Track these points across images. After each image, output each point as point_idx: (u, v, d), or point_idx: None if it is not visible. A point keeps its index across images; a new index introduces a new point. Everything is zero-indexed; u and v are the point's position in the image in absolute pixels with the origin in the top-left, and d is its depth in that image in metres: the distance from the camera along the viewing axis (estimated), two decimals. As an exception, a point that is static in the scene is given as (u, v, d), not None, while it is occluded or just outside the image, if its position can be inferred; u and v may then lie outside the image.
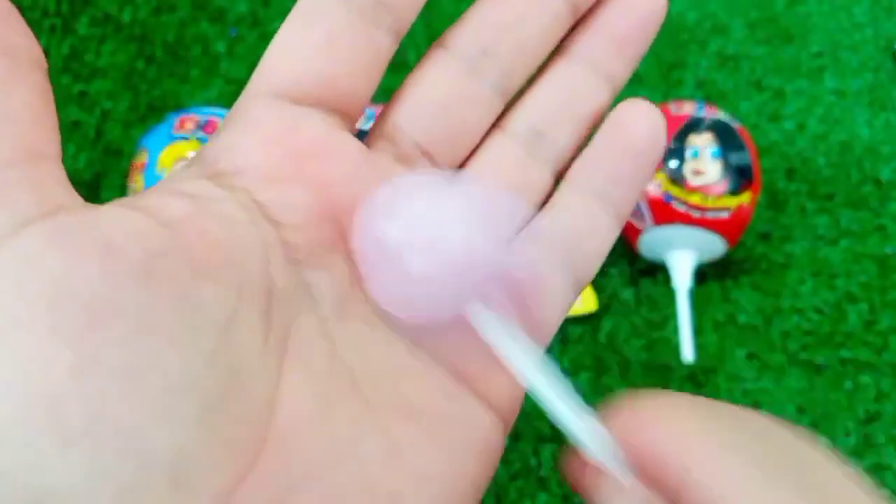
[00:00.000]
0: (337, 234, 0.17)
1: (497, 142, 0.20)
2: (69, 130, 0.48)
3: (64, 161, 0.16)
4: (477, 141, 0.20)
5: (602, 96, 0.20)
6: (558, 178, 0.20)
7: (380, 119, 0.19)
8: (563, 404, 0.16)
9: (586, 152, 0.20)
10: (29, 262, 0.13)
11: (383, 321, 0.17)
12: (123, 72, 0.50)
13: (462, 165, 0.20)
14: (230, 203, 0.16)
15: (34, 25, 0.51)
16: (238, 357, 0.15)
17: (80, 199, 0.15)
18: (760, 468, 0.15)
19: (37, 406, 0.13)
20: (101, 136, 0.48)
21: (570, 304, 0.20)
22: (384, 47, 0.18)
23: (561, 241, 0.20)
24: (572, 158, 0.20)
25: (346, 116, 0.18)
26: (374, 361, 0.17)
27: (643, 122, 0.20)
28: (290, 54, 0.18)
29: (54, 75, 0.50)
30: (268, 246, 0.16)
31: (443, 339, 0.18)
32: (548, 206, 0.20)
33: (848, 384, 0.44)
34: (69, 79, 0.50)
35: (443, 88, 0.19)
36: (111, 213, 0.15)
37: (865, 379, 0.44)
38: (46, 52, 0.51)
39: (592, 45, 0.20)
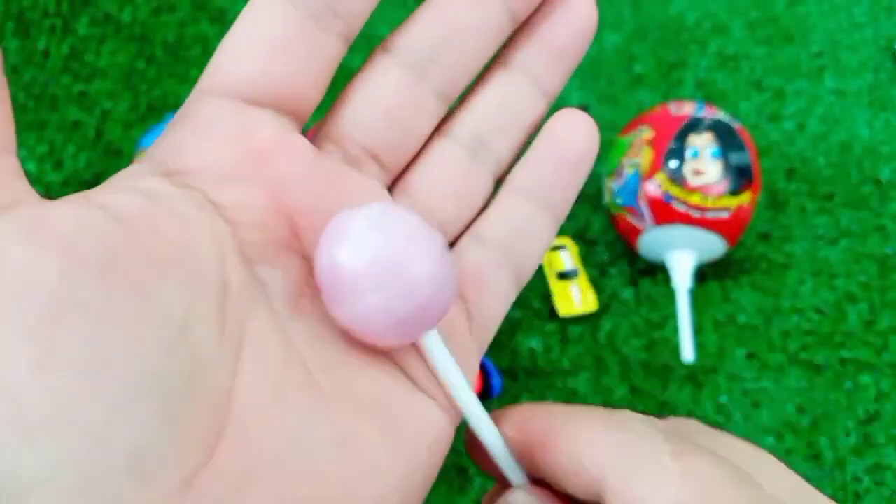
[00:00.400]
0: (290, 232, 0.18)
1: (441, 147, 0.21)
2: (69, 130, 0.48)
3: (64, 161, 0.16)
4: (421, 144, 0.20)
5: (539, 106, 0.21)
6: (498, 182, 0.22)
7: (326, 121, 0.20)
8: (483, 420, 0.19)
9: (525, 159, 0.21)
10: None
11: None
12: (123, 72, 0.50)
13: (406, 169, 0.20)
14: (184, 201, 0.16)
15: (34, 25, 0.51)
16: (196, 350, 0.15)
17: (35, 193, 0.15)
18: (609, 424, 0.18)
19: None
20: (101, 136, 0.48)
21: (512, 300, 0.21)
22: (334, 51, 0.19)
23: (503, 242, 0.21)
24: (511, 163, 0.21)
25: (296, 117, 0.19)
26: (328, 355, 0.17)
27: (577, 131, 0.21)
28: (241, 55, 0.18)
29: (54, 75, 0.50)
30: (222, 243, 0.16)
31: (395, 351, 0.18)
32: (489, 209, 0.21)
33: (848, 384, 0.44)
34: (69, 79, 0.50)
35: (389, 93, 0.20)
36: (66, 208, 0.15)
37: (865, 379, 0.44)
38: (46, 53, 0.51)
39: (530, 57, 0.21)
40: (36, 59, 0.51)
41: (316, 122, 0.20)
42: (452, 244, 0.21)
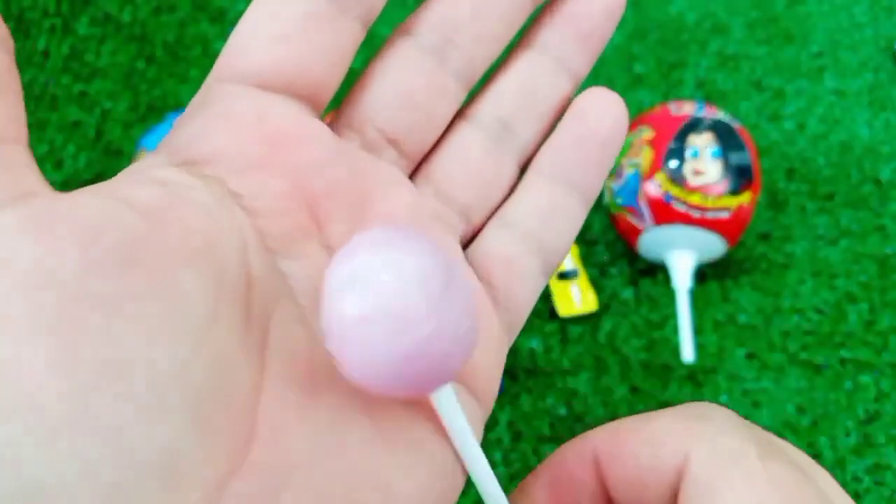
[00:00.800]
0: (311, 221, 0.17)
1: (463, 132, 0.20)
2: (69, 130, 0.48)
3: (64, 161, 0.16)
4: (442, 129, 0.20)
5: (565, 88, 0.21)
6: (523, 166, 0.21)
7: (345, 106, 0.19)
8: (491, 486, 0.17)
9: (551, 141, 0.20)
10: (3, 250, 0.13)
11: None
12: (123, 72, 0.50)
13: (428, 154, 0.20)
14: (203, 191, 0.16)
15: (34, 25, 0.51)
16: (222, 345, 0.14)
17: (48, 185, 0.15)
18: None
19: (15, 402, 0.12)
20: (101, 136, 0.48)
21: (541, 288, 0.20)
22: (352, 35, 0.18)
23: (530, 228, 0.20)
24: (536, 147, 0.21)
25: (314, 103, 0.18)
26: None
27: (605, 109, 0.20)
28: (257, 39, 0.17)
29: (54, 75, 0.50)
30: (243, 234, 0.16)
31: None
32: (515, 194, 0.20)
33: (848, 384, 0.44)
34: (69, 79, 0.50)
35: (408, 77, 0.19)
36: (84, 199, 0.14)
37: (865, 379, 0.44)
38: (46, 53, 0.51)
39: (556, 38, 0.20)
40: (36, 59, 0.51)
41: (333, 110, 0.20)
42: (478, 232, 0.20)
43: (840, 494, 0.17)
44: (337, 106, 0.20)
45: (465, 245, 0.20)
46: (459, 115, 0.20)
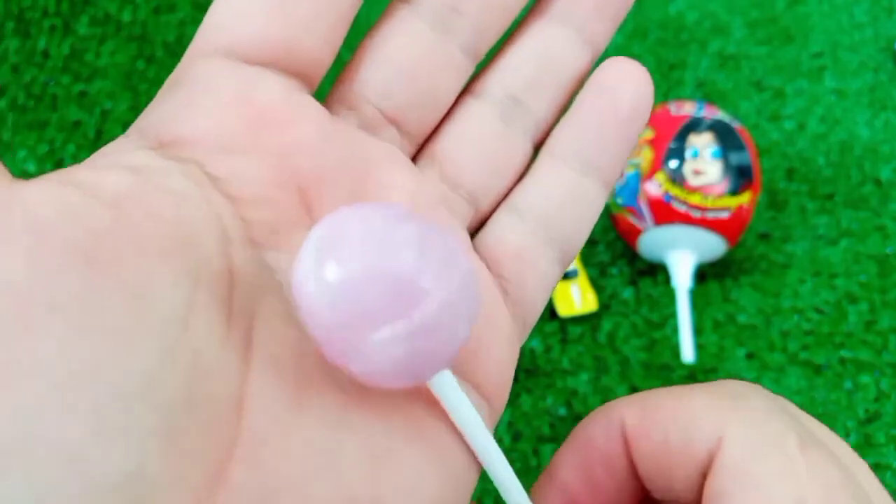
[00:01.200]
0: (300, 207, 0.15)
1: (471, 109, 0.18)
2: (69, 130, 0.48)
3: (64, 161, 0.15)
4: (448, 106, 0.18)
5: (583, 59, 0.18)
6: (537, 146, 0.19)
7: (340, 82, 0.17)
8: (505, 473, 0.16)
9: (568, 118, 0.19)
10: None
11: None
12: (123, 72, 0.50)
13: (433, 134, 0.18)
14: (179, 176, 0.14)
15: (34, 25, 0.51)
16: (198, 353, 0.13)
17: (6, 173, 0.13)
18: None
19: None
20: (101, 136, 0.48)
21: (557, 279, 0.19)
22: (347, 3, 0.16)
23: (544, 214, 0.18)
24: (552, 125, 0.19)
25: (306, 79, 0.16)
26: None
27: (629, 83, 0.18)
28: (239, 9, 0.16)
29: (54, 75, 0.50)
30: (224, 224, 0.14)
31: None
32: (528, 177, 0.19)
33: (848, 384, 0.44)
34: (69, 79, 0.50)
35: (409, 49, 0.17)
36: (40, 189, 0.12)
37: (865, 379, 0.44)
38: (46, 53, 0.51)
39: (571, 4, 0.18)
40: (36, 59, 0.51)
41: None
42: (487, 218, 0.18)
43: (879, 490, 0.16)
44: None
45: (474, 232, 0.19)
46: (467, 90, 0.19)
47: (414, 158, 0.18)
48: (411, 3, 0.17)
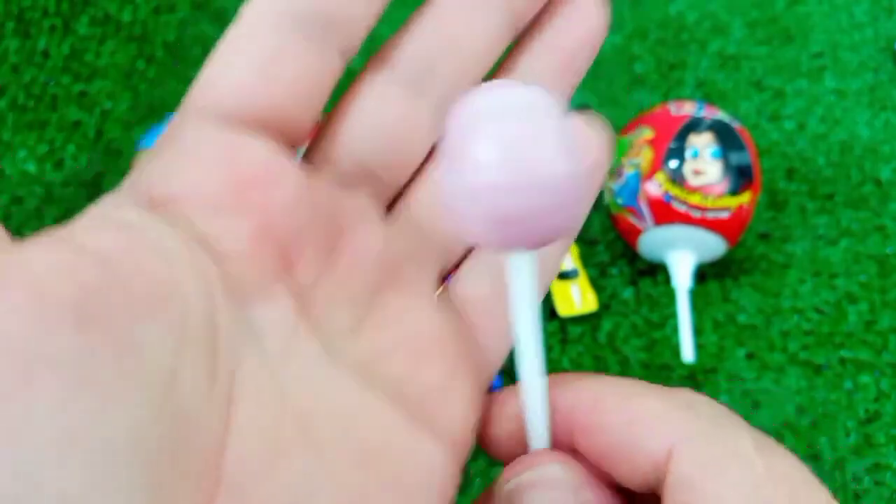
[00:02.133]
0: (280, 263, 0.16)
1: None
2: (69, 130, 0.48)
3: (64, 161, 0.15)
4: (420, 161, 0.19)
5: None
6: None
7: (320, 138, 0.19)
8: (535, 356, 0.17)
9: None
10: None
11: (332, 358, 0.16)
12: (123, 72, 0.50)
13: (406, 187, 0.19)
14: (167, 234, 0.15)
15: (34, 25, 0.51)
16: (183, 406, 0.13)
17: (4, 235, 0.14)
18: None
19: None
20: (101, 136, 0.48)
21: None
22: (330, 68, 0.17)
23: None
24: None
25: (289, 139, 0.17)
26: (325, 402, 0.16)
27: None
28: (230, 73, 0.17)
29: (54, 75, 0.50)
30: (208, 280, 0.15)
31: (393, 368, 0.17)
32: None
33: (848, 384, 0.44)
34: (69, 79, 0.50)
35: (386, 109, 0.18)
36: (35, 250, 0.13)
37: (865, 379, 0.44)
38: (46, 52, 0.51)
39: (536, 67, 0.20)
40: (36, 59, 0.51)
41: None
42: (453, 269, 0.20)
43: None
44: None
45: (446, 278, 0.20)
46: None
47: (391, 207, 0.19)
48: (386, 62, 0.19)
